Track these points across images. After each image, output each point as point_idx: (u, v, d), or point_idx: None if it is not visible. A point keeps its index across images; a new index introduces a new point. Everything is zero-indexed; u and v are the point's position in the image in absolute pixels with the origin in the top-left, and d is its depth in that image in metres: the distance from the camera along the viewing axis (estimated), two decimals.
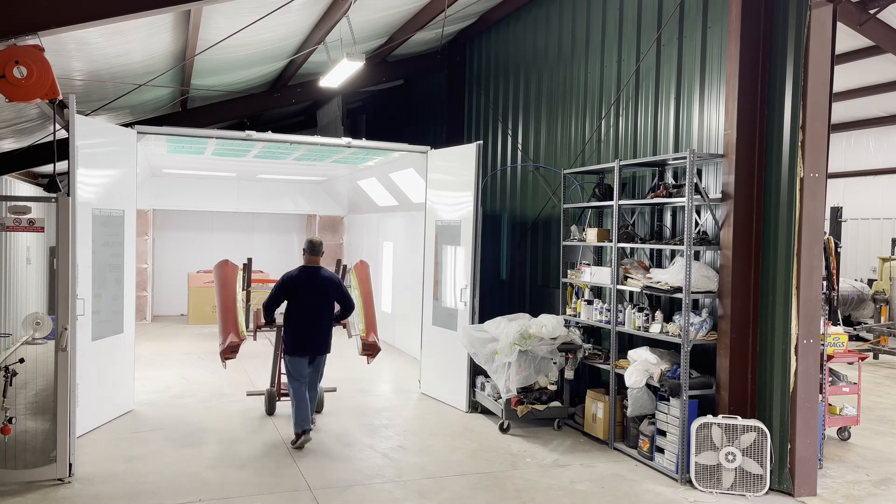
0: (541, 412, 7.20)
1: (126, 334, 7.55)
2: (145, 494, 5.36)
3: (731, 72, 5.83)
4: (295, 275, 6.73)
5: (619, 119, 7.48)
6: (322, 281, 6.74)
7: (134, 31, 5.98)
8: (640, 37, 7.17)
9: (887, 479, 6.09)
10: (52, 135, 6.42)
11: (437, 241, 8.77)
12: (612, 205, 6.78)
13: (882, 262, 13.88)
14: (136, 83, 7.51)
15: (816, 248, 5.58)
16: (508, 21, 9.73)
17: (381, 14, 8.42)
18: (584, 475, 5.99)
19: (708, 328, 6.01)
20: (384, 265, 13.02)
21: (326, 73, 8.12)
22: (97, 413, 6.98)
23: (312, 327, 6.69)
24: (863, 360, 7.27)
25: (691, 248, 5.87)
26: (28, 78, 4.31)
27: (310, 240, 6.84)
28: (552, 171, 8.56)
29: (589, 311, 7.11)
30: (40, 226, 5.70)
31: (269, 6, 6.14)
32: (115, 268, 7.29)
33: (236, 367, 9.90)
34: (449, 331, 8.37)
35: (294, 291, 6.68)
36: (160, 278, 15.40)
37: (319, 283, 6.71)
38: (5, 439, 5.61)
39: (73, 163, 5.98)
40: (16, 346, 10.22)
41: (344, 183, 14.44)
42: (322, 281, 6.74)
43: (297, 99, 10.95)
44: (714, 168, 6.25)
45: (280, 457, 6.31)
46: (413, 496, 5.47)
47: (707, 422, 5.69)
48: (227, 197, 14.77)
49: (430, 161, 8.85)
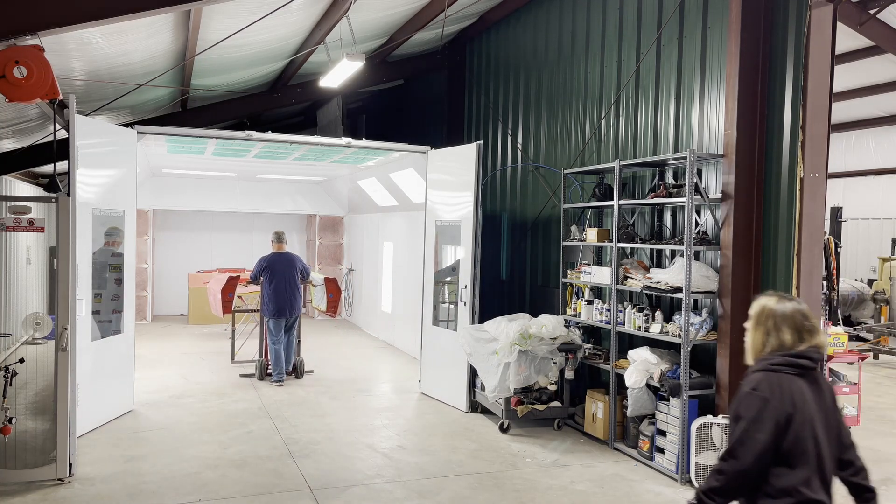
0: (541, 412, 7.20)
1: (126, 334, 7.55)
2: (145, 494, 5.37)
3: (731, 72, 5.83)
4: (271, 257, 9.23)
5: (619, 119, 7.48)
6: (290, 259, 9.31)
7: (134, 31, 5.98)
8: (640, 37, 7.17)
9: (887, 479, 6.09)
10: (52, 135, 6.42)
11: (437, 241, 8.77)
12: (612, 205, 6.78)
13: (882, 262, 13.88)
14: (136, 83, 7.51)
15: (816, 248, 5.58)
16: (508, 21, 9.72)
17: (381, 14, 8.42)
18: (584, 475, 5.99)
19: (708, 328, 6.01)
20: (384, 265, 13.02)
21: (326, 73, 8.12)
22: (97, 413, 6.98)
23: (287, 295, 9.07)
24: (863, 360, 7.26)
25: (691, 248, 5.87)
26: (28, 78, 4.31)
27: (276, 232, 9.52)
28: (552, 171, 8.56)
29: (589, 311, 7.11)
30: (40, 226, 5.70)
31: (269, 6, 6.14)
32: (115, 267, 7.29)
33: (235, 368, 9.92)
34: (449, 330, 8.39)
35: (271, 268, 9.11)
36: (160, 278, 15.40)
37: (288, 261, 9.26)
38: (5, 439, 5.61)
39: (73, 163, 5.98)
40: (16, 346, 10.22)
41: (344, 183, 14.44)
42: (290, 259, 9.31)
43: (297, 99, 10.95)
44: (714, 168, 6.26)
45: (280, 457, 6.31)
46: (413, 496, 5.47)
47: (707, 422, 5.69)
48: (227, 197, 14.77)
49: (430, 161, 8.85)
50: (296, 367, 9.47)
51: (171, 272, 15.41)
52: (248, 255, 15.74)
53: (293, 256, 9.37)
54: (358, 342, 12.62)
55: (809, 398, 2.68)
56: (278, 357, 9.09)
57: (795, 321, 2.77)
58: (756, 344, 2.86)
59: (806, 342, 2.75)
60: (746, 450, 2.63)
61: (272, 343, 9.15)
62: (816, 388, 2.74)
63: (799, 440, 2.64)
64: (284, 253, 9.36)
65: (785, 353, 2.74)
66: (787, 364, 2.71)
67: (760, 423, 2.62)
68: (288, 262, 9.23)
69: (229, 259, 15.61)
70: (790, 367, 2.70)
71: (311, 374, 9.71)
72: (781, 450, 2.64)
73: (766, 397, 2.65)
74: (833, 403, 2.81)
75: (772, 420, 2.62)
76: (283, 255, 9.31)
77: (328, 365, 10.36)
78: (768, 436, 2.62)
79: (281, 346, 9.13)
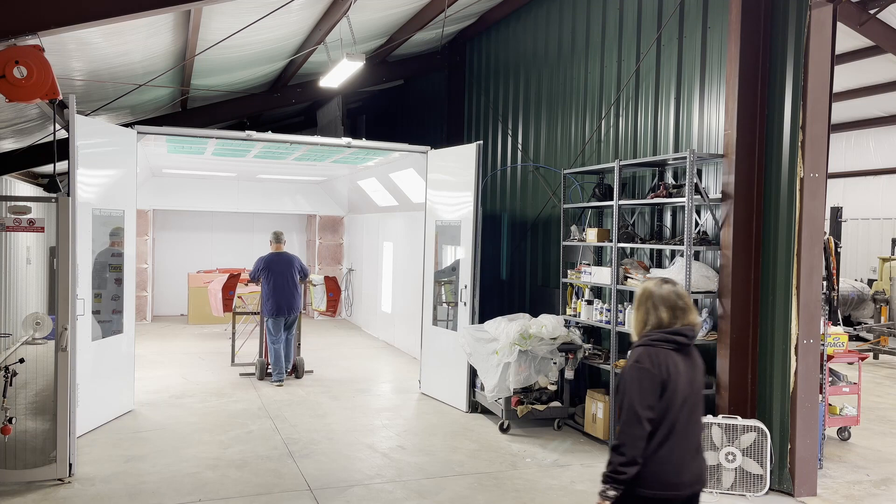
0: (541, 412, 7.20)
1: (126, 334, 7.55)
2: (145, 494, 5.37)
3: (731, 72, 5.83)
4: (269, 257, 9.32)
5: (619, 119, 7.48)
6: (289, 259, 9.37)
7: (134, 32, 5.98)
8: (640, 37, 7.17)
9: (887, 479, 6.09)
10: (52, 135, 6.41)
11: (437, 241, 8.77)
12: (612, 205, 6.78)
13: (882, 262, 13.89)
14: (136, 83, 7.51)
15: (816, 248, 5.58)
16: (508, 21, 9.73)
17: (381, 14, 8.42)
18: (584, 475, 5.99)
19: (708, 328, 6.01)
20: (384, 265, 13.03)
21: (326, 74, 8.12)
22: (97, 413, 6.98)
23: (286, 294, 9.13)
24: (863, 360, 7.27)
25: (691, 248, 5.87)
26: (28, 78, 4.31)
27: (275, 232, 9.57)
28: (552, 171, 8.56)
29: (589, 311, 7.11)
30: (40, 226, 5.70)
31: (269, 6, 6.14)
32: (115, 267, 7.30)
33: (235, 368, 9.92)
34: (448, 330, 8.38)
35: (269, 267, 9.18)
36: (160, 278, 15.40)
37: (286, 261, 9.32)
38: (5, 439, 5.61)
39: (73, 163, 5.98)
40: (16, 346, 10.22)
41: (344, 183, 14.44)
42: (289, 259, 9.37)
43: (297, 99, 10.95)
44: (714, 168, 6.26)
45: (280, 457, 6.31)
46: (413, 496, 5.47)
47: (707, 422, 5.69)
48: (227, 197, 14.77)
49: (430, 161, 8.85)
50: (296, 367, 9.49)
51: (171, 272, 15.41)
52: (248, 255, 15.73)
53: (291, 256, 9.44)
54: (358, 342, 12.62)
55: (682, 370, 3.08)
56: (278, 357, 9.14)
57: (671, 301, 3.14)
58: (638, 323, 3.22)
59: (680, 320, 3.13)
60: (638, 419, 2.97)
61: (272, 343, 9.18)
62: (690, 362, 3.14)
63: (669, 407, 3.03)
64: (283, 253, 9.44)
65: (663, 330, 3.11)
66: (664, 340, 3.09)
67: (645, 393, 3.00)
68: (286, 262, 9.30)
69: (229, 259, 15.61)
70: (667, 343, 3.09)
71: (311, 373, 9.72)
72: (660, 410, 3.02)
73: (648, 368, 3.02)
74: (701, 378, 3.22)
75: (653, 388, 3.00)
76: (281, 254, 9.38)
77: (328, 365, 10.36)
78: (654, 401, 3.00)
79: (280, 345, 9.17)
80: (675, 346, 3.09)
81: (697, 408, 3.15)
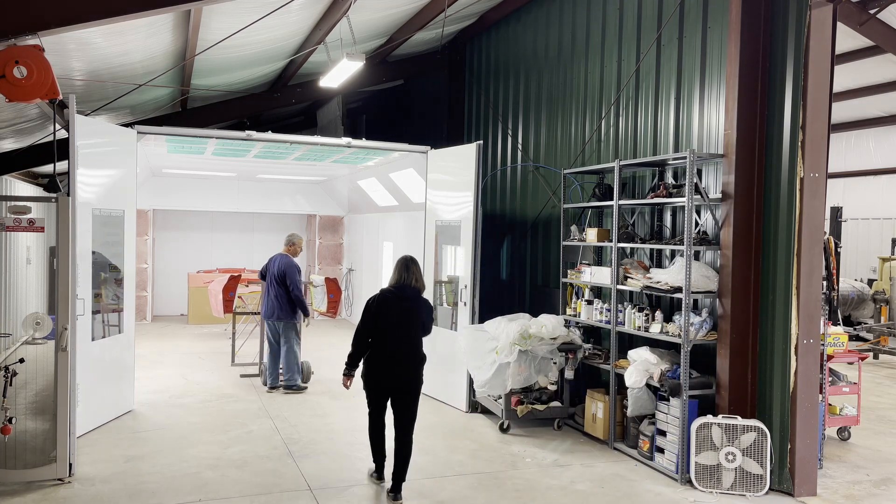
0: (541, 412, 7.20)
1: (126, 334, 7.55)
2: (145, 494, 5.37)
3: (731, 72, 5.83)
4: (270, 259, 9.08)
5: (619, 119, 7.48)
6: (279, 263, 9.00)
7: (134, 31, 5.98)
8: (640, 37, 7.17)
9: (887, 479, 6.09)
10: (52, 135, 6.41)
11: (437, 241, 8.77)
12: (612, 205, 6.78)
13: (882, 262, 13.89)
14: (136, 83, 7.51)
15: (816, 248, 5.58)
16: (508, 21, 9.72)
17: (381, 14, 8.42)
18: (584, 475, 6.00)
19: (708, 328, 6.00)
20: (384, 265, 13.02)
21: (326, 73, 8.12)
22: (97, 413, 6.98)
23: (269, 297, 8.88)
24: (863, 360, 7.27)
25: (691, 248, 5.87)
26: (28, 78, 4.31)
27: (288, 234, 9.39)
28: (552, 171, 8.56)
29: (589, 311, 7.11)
30: (40, 226, 5.70)
31: (269, 6, 6.14)
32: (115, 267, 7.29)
33: (235, 368, 9.92)
34: (448, 330, 8.38)
35: (266, 269, 9.04)
36: (160, 278, 15.40)
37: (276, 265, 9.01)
38: (5, 439, 5.61)
39: (73, 163, 5.98)
40: (16, 346, 10.22)
41: (344, 183, 14.44)
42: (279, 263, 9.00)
43: (297, 99, 10.95)
44: (714, 168, 6.26)
45: (280, 457, 6.31)
46: (413, 496, 5.47)
47: (707, 422, 5.70)
48: (227, 197, 14.77)
49: (430, 161, 8.85)
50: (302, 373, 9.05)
51: (171, 272, 15.40)
52: (248, 255, 15.78)
53: (284, 261, 8.90)
54: None
55: (393, 308, 5.44)
56: (270, 361, 8.91)
57: (400, 267, 5.58)
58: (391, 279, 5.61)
59: (403, 280, 5.52)
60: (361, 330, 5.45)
61: (269, 345, 8.99)
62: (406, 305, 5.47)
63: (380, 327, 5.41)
64: (279, 256, 9.10)
65: (393, 284, 5.55)
66: (390, 290, 5.53)
67: (366, 317, 5.45)
68: (276, 266, 8.90)
69: (229, 259, 15.61)
70: (390, 292, 5.51)
71: (311, 374, 9.70)
72: (376, 329, 5.41)
73: (371, 304, 5.46)
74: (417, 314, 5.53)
75: (371, 314, 5.42)
76: (275, 258, 9.07)
77: (328, 365, 10.34)
78: (368, 322, 5.42)
79: (274, 349, 8.90)
80: (395, 294, 5.48)
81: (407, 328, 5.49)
